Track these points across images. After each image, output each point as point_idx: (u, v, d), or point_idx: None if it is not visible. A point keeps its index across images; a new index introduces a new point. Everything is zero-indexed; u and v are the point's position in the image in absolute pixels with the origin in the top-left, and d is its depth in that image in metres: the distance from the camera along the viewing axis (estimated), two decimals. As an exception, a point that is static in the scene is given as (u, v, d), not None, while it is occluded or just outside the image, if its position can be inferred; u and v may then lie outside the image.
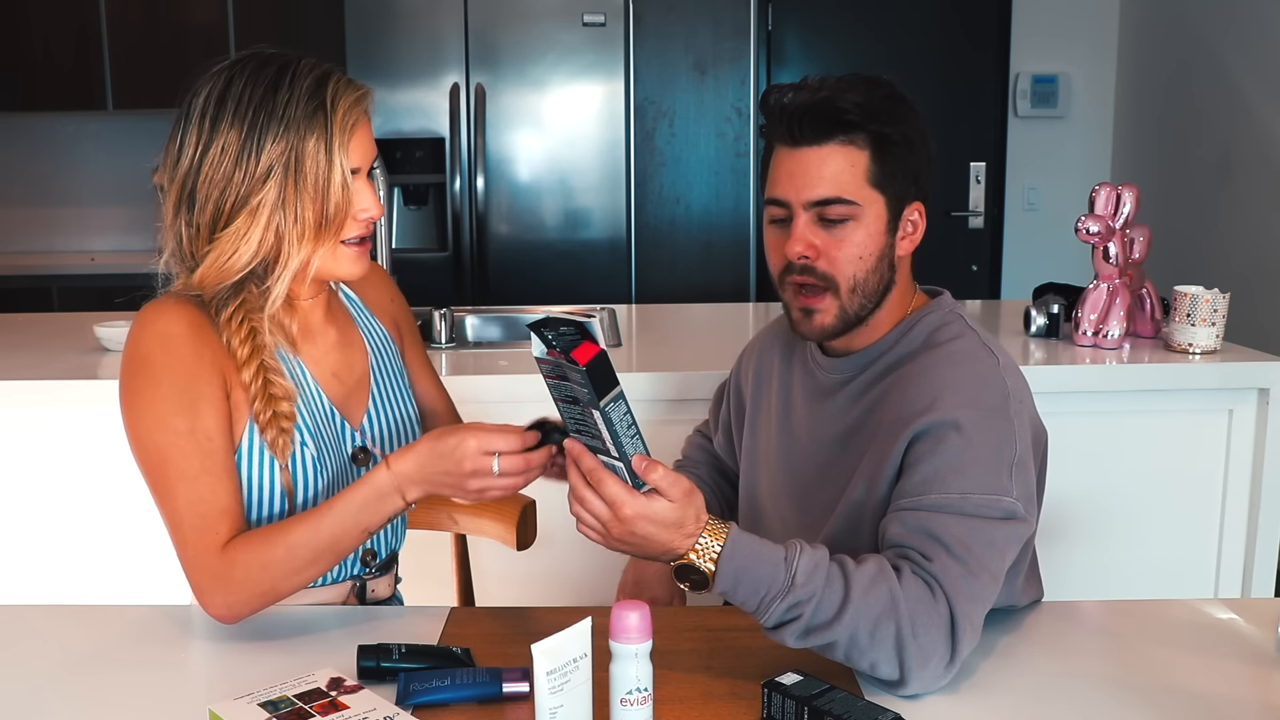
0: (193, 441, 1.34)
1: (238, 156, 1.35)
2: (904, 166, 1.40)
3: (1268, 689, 1.27)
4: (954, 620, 1.23)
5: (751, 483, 1.62)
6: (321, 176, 1.35)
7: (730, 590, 1.22)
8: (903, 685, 1.22)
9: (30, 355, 2.55)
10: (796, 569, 1.21)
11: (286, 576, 1.34)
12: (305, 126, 1.35)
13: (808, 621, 1.21)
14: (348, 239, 1.41)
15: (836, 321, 1.42)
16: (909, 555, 1.27)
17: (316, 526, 1.33)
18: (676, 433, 1.94)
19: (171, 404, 1.34)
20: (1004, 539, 1.30)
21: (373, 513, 1.33)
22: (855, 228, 1.39)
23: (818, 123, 1.38)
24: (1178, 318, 2.38)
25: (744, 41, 4.28)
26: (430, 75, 4.03)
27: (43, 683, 1.30)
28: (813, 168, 1.39)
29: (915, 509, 1.30)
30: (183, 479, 1.33)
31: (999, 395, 1.35)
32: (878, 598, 1.22)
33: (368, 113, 1.41)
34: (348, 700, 1.19)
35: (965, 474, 1.30)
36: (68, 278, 4.40)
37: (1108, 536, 2.37)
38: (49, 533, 2.32)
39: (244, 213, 1.36)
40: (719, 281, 4.35)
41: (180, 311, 1.38)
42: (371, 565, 1.54)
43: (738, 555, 1.21)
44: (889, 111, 1.39)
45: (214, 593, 1.33)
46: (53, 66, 4.47)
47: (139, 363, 1.36)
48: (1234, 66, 4.06)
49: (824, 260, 1.40)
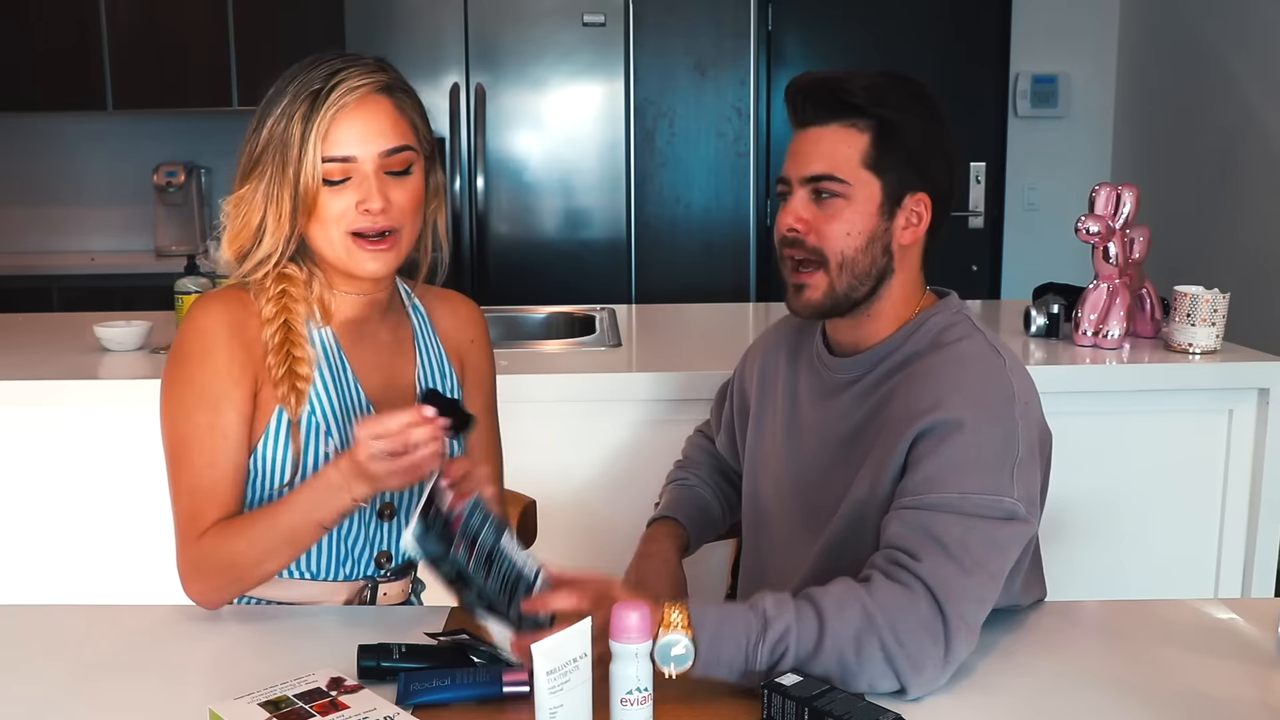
0: (210, 436, 1.41)
1: (252, 131, 1.42)
2: (907, 154, 1.41)
3: (1268, 689, 1.27)
4: (945, 619, 1.23)
5: (755, 482, 1.62)
6: (295, 157, 1.37)
7: (714, 646, 1.21)
8: (905, 694, 1.22)
9: (30, 355, 2.55)
10: (764, 607, 1.23)
11: (250, 567, 1.40)
12: (297, 107, 1.38)
13: (795, 654, 1.21)
14: (356, 231, 1.40)
15: (825, 299, 1.43)
16: (896, 558, 1.27)
17: (274, 520, 1.38)
18: (676, 433, 1.94)
19: (197, 397, 1.41)
20: (1005, 539, 1.30)
21: (324, 508, 1.36)
22: (845, 205, 1.41)
23: (820, 103, 1.41)
24: (1178, 318, 2.38)
25: (744, 41, 4.28)
26: (430, 75, 4.03)
27: (43, 683, 1.30)
28: (809, 146, 1.42)
29: (916, 507, 1.30)
30: (191, 469, 1.41)
31: (1004, 396, 1.36)
32: (851, 616, 1.22)
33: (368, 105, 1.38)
34: (348, 700, 1.19)
35: (967, 474, 1.30)
36: (68, 278, 4.40)
37: (1108, 536, 2.37)
38: (49, 533, 2.32)
39: (250, 182, 1.41)
40: (719, 281, 4.35)
41: (223, 307, 1.44)
42: (386, 568, 1.54)
43: (707, 616, 1.22)
44: (898, 99, 1.40)
45: (190, 579, 1.42)
46: (53, 67, 4.46)
47: (177, 355, 1.44)
48: (1234, 66, 4.06)
49: (814, 235, 1.42)
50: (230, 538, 1.39)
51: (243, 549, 1.38)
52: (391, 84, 1.42)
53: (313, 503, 1.36)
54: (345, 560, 1.51)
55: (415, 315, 1.59)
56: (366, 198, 1.39)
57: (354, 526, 1.50)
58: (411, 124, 1.43)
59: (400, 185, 1.41)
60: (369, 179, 1.39)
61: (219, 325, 1.42)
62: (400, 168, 1.41)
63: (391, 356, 1.54)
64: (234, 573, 1.40)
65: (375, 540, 1.53)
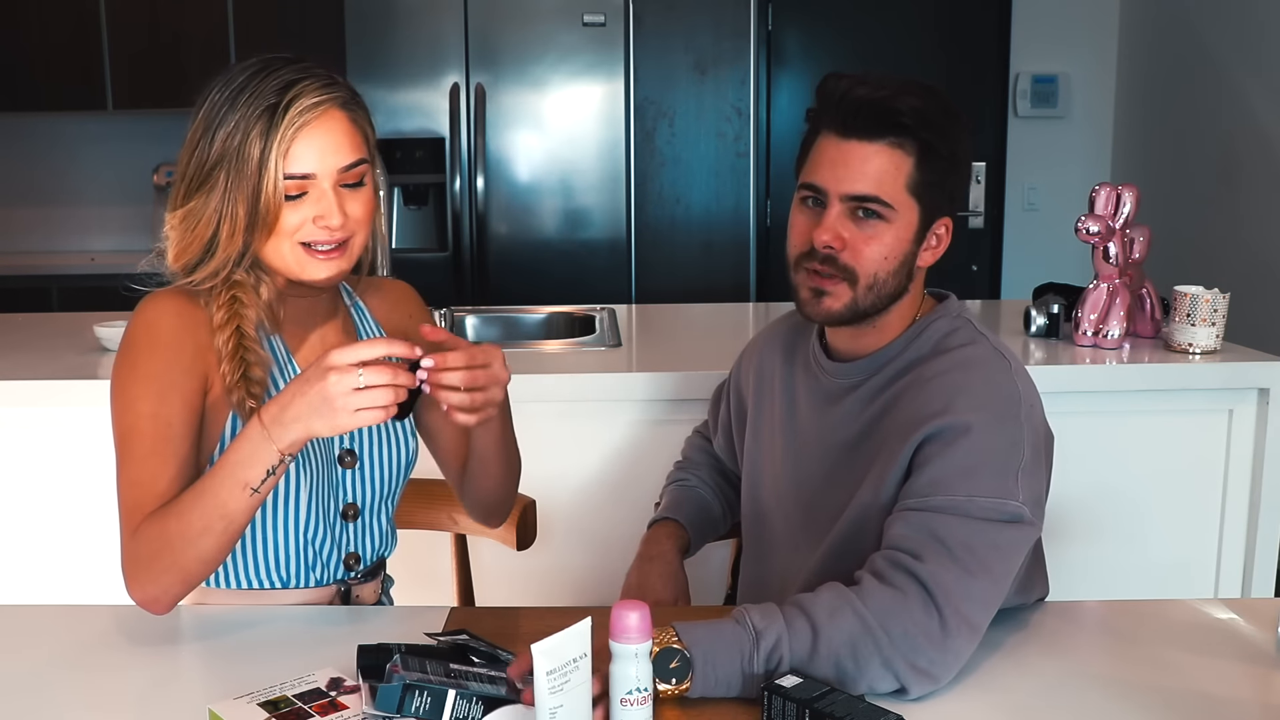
0: (151, 425, 1.36)
1: (198, 143, 1.38)
2: (944, 180, 1.41)
3: (1268, 689, 1.28)
4: (942, 618, 1.23)
5: (754, 485, 1.62)
6: (254, 173, 1.35)
7: (709, 662, 1.20)
8: (907, 694, 1.23)
9: (30, 355, 2.55)
10: (750, 618, 1.23)
11: (183, 548, 1.31)
12: (254, 122, 1.35)
13: (791, 660, 1.21)
14: (308, 242, 1.39)
15: (845, 310, 1.42)
16: (896, 559, 1.27)
17: (201, 490, 1.31)
18: (676, 433, 1.94)
19: (142, 387, 1.37)
20: (1009, 542, 1.30)
21: (248, 466, 1.29)
22: (886, 229, 1.39)
23: (872, 120, 1.38)
24: (1178, 318, 2.38)
25: (744, 41, 4.27)
26: (430, 75, 4.03)
27: (42, 682, 1.30)
28: (856, 162, 1.38)
29: (921, 509, 1.30)
30: (132, 459, 1.36)
31: (1010, 400, 1.36)
32: (844, 621, 1.22)
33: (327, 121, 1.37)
34: (348, 700, 1.19)
35: (973, 477, 1.30)
36: (68, 278, 4.40)
37: (1108, 536, 2.37)
38: (49, 532, 2.32)
39: (198, 196, 1.38)
40: (719, 281, 4.35)
41: (172, 303, 1.41)
42: (355, 570, 1.54)
43: (695, 630, 1.22)
44: (942, 124, 1.39)
45: (130, 575, 1.34)
46: (53, 67, 4.47)
47: (125, 347, 1.41)
48: (1234, 66, 4.06)
49: (849, 253, 1.40)
50: (161, 521, 1.32)
51: (174, 529, 1.31)
52: (347, 98, 1.41)
53: (236, 462, 1.29)
54: (314, 565, 1.49)
55: (356, 313, 1.58)
56: (326, 214, 1.37)
57: (319, 530, 1.48)
58: (364, 136, 1.42)
59: (355, 197, 1.40)
60: (326, 195, 1.37)
61: (168, 317, 1.40)
62: (355, 180, 1.40)
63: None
64: (169, 557, 1.31)
65: (342, 543, 1.52)
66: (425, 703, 1.14)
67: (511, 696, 1.16)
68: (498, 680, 1.20)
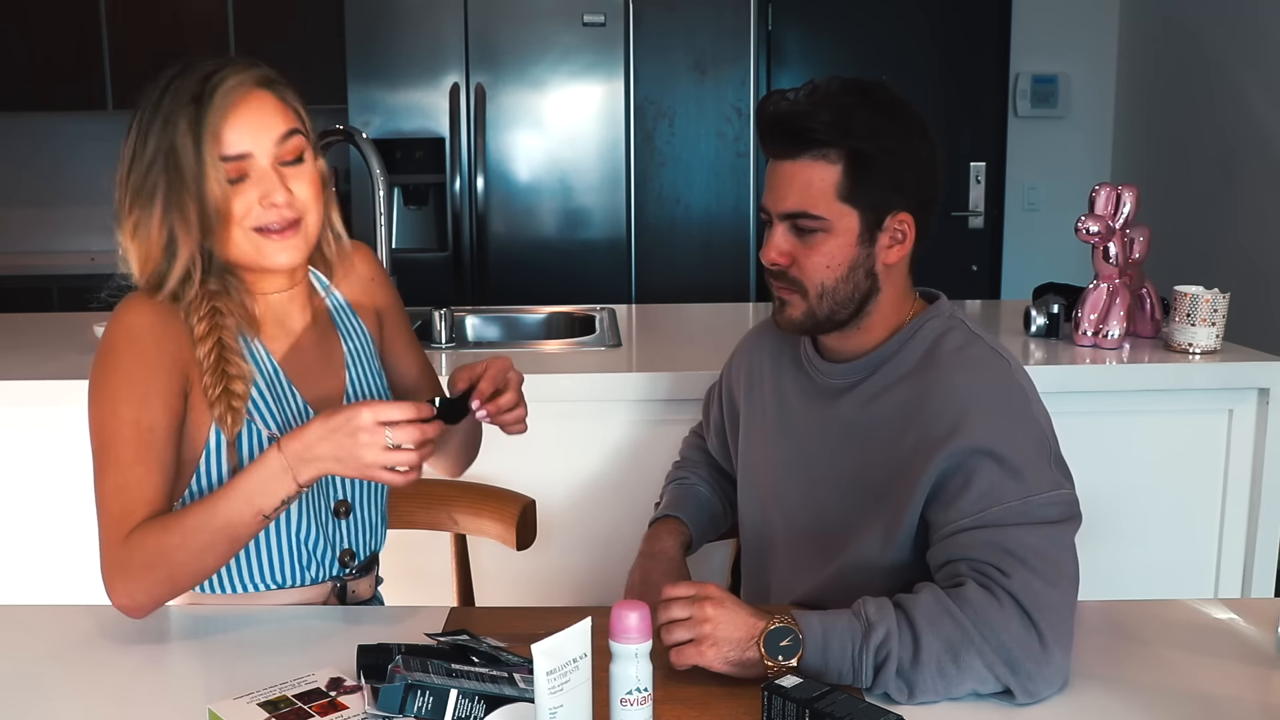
0: (134, 431, 1.35)
1: (134, 152, 1.38)
2: (882, 179, 1.39)
3: (1268, 689, 1.27)
4: (1040, 635, 1.22)
5: (752, 488, 1.62)
6: (192, 165, 1.34)
7: (821, 647, 1.22)
8: (1017, 696, 1.22)
9: (30, 355, 2.55)
10: (866, 609, 1.24)
11: (183, 562, 1.33)
12: (179, 118, 1.35)
13: (898, 659, 1.21)
14: (260, 226, 1.38)
15: (804, 319, 1.45)
16: (983, 570, 1.26)
17: (211, 510, 1.32)
18: (676, 433, 1.94)
19: (123, 393, 1.37)
20: (1070, 539, 1.31)
21: (265, 495, 1.32)
22: (825, 239, 1.41)
23: (788, 138, 1.40)
24: (1178, 318, 2.38)
25: (744, 41, 4.28)
26: (430, 75, 4.03)
27: (42, 682, 1.30)
28: (783, 181, 1.42)
29: (979, 526, 1.29)
30: (116, 465, 1.36)
31: (1019, 399, 1.37)
32: (944, 626, 1.22)
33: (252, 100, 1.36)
34: (348, 700, 1.19)
35: (1019, 479, 1.30)
36: (68, 278, 4.40)
37: (1107, 536, 2.37)
38: (49, 532, 2.32)
39: (142, 204, 1.37)
40: (719, 281, 4.35)
41: (150, 306, 1.40)
42: (351, 566, 1.54)
43: (811, 616, 1.23)
44: (865, 125, 1.38)
45: (114, 580, 1.34)
46: (53, 66, 4.47)
47: (103, 351, 1.40)
48: (1234, 66, 4.06)
49: (795, 267, 1.43)
50: (160, 532, 1.32)
51: (176, 543, 1.32)
52: (270, 77, 1.41)
53: (252, 490, 1.32)
54: (309, 564, 1.49)
55: (332, 303, 1.57)
56: (269, 191, 1.37)
57: (310, 528, 1.48)
58: (295, 111, 1.42)
59: (297, 174, 1.40)
60: (267, 173, 1.37)
61: (148, 321, 1.39)
62: (293, 156, 1.39)
63: (319, 350, 1.52)
64: (165, 570, 1.33)
65: (334, 540, 1.52)
66: (427, 703, 1.14)
67: (513, 695, 1.17)
68: (499, 680, 1.20)
